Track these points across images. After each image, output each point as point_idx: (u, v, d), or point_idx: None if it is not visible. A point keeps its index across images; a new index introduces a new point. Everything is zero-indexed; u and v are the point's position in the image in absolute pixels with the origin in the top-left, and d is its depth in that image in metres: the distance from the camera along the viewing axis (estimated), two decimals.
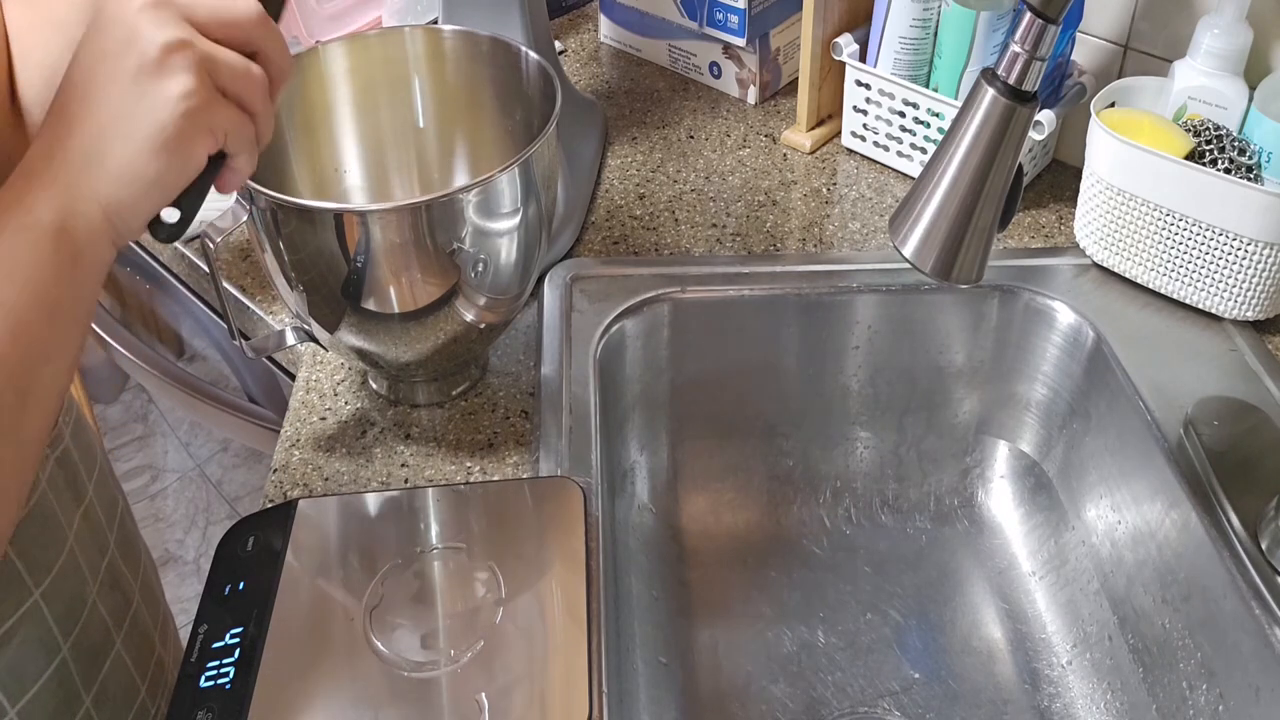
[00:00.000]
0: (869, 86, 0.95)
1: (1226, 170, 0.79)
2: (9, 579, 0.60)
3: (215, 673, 0.58)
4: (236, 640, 0.60)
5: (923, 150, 0.94)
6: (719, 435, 0.92)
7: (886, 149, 0.97)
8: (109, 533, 0.70)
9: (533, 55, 0.73)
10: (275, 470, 0.73)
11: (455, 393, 0.78)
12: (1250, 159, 0.79)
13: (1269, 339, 0.81)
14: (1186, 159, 0.78)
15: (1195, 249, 0.79)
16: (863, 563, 0.89)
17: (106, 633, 0.68)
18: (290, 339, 0.76)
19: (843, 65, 0.96)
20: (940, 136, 0.86)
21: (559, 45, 1.15)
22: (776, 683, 0.82)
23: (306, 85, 0.75)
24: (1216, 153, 0.79)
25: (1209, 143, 0.80)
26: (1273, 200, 0.75)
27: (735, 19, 1.02)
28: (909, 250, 0.61)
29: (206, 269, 0.76)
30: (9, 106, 0.59)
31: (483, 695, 0.57)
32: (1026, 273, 0.86)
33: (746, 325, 0.87)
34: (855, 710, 0.80)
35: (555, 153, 0.71)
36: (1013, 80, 0.57)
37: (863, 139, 0.98)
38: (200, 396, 1.17)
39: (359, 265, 0.65)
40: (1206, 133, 0.80)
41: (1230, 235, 0.77)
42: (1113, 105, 0.85)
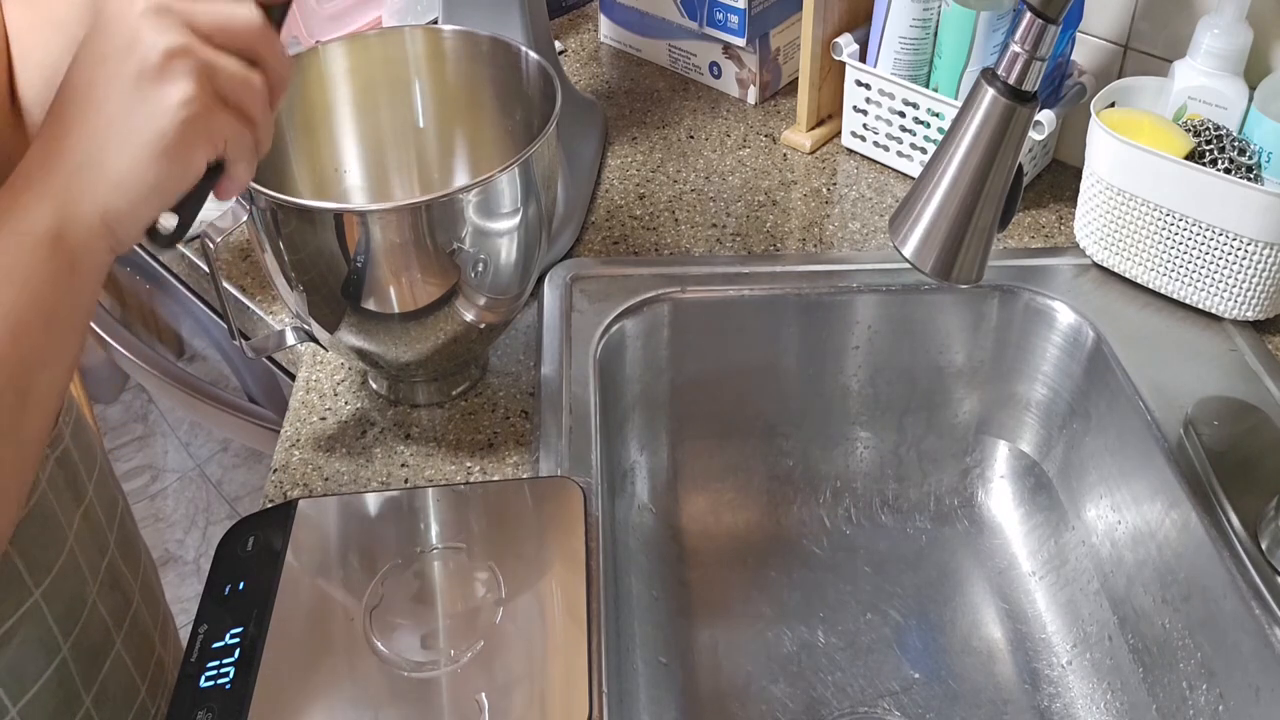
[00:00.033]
0: (869, 86, 0.95)
1: (1226, 170, 0.79)
2: (9, 579, 0.60)
3: (215, 673, 0.58)
4: (236, 640, 0.60)
5: (923, 150, 0.94)
6: (719, 435, 0.92)
7: (886, 149, 0.97)
8: (109, 533, 0.70)
9: (533, 55, 0.73)
10: (275, 470, 0.73)
11: (455, 393, 0.78)
12: (1250, 159, 0.79)
13: (1269, 339, 0.81)
14: (1186, 159, 0.78)
15: (1195, 249, 0.79)
16: (863, 563, 0.89)
17: (106, 633, 0.68)
18: (290, 339, 0.76)
19: (843, 65, 0.96)
20: (940, 136, 0.86)
21: (559, 45, 1.15)
22: (776, 683, 0.82)
23: (306, 85, 0.75)
24: (1216, 153, 0.79)
25: (1209, 143, 0.80)
26: (1273, 200, 0.75)
27: (735, 19, 1.02)
28: (909, 250, 0.61)
29: (206, 269, 0.76)
30: (9, 106, 0.59)
31: (483, 695, 0.57)
32: (1026, 273, 0.86)
33: (746, 325, 0.87)
34: (855, 710, 0.80)
35: (555, 153, 0.71)
36: (1013, 80, 0.57)
37: (863, 139, 0.98)
38: (200, 396, 1.17)
39: (359, 265, 0.66)
40: (1206, 133, 0.80)
41: (1230, 235, 0.77)
42: (1113, 105, 0.85)
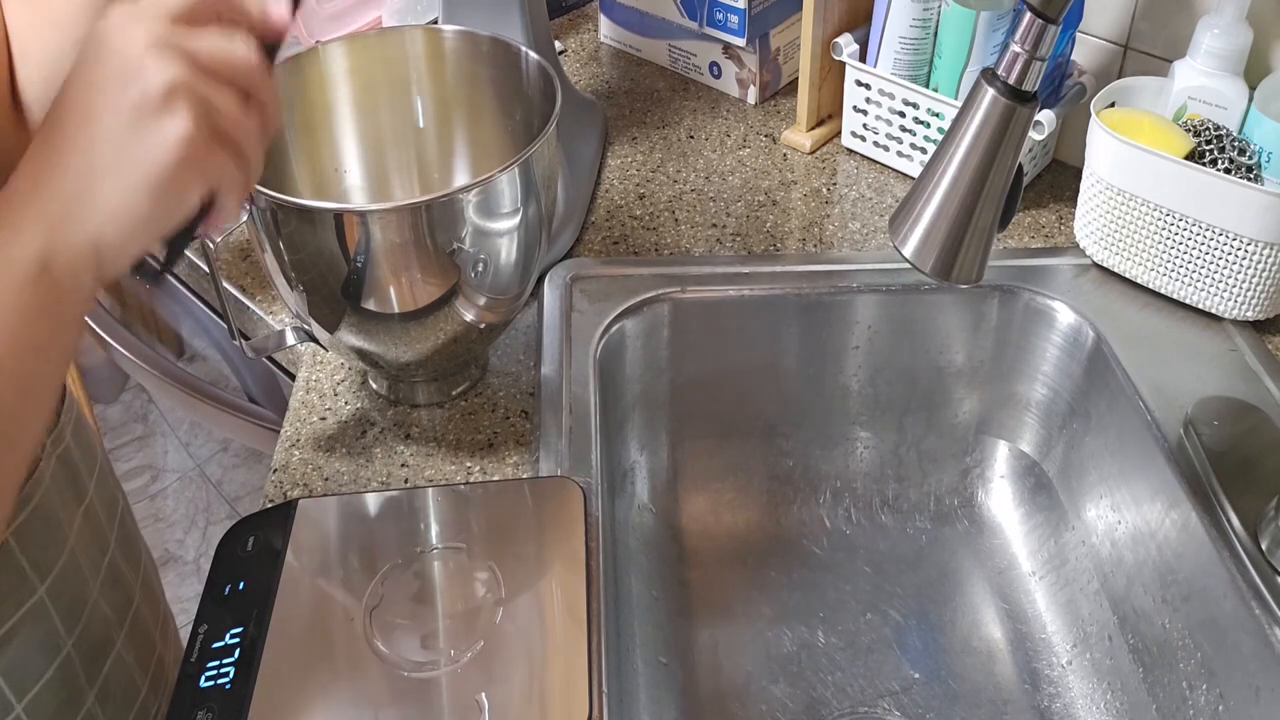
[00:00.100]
0: (869, 86, 0.95)
1: (1226, 170, 0.79)
2: (13, 578, 0.60)
3: (215, 673, 0.58)
4: (236, 640, 0.60)
5: (923, 150, 0.94)
6: (719, 435, 0.92)
7: (886, 149, 0.97)
8: (109, 531, 0.71)
9: (533, 55, 0.73)
10: (275, 470, 0.73)
11: (455, 393, 0.78)
12: (1250, 159, 0.79)
13: (1269, 339, 0.81)
14: (1186, 159, 0.78)
15: (1195, 249, 0.79)
16: (863, 563, 0.89)
17: (108, 631, 0.68)
18: (290, 339, 0.76)
19: (843, 65, 0.96)
20: (940, 136, 0.86)
21: (559, 45, 1.15)
22: (776, 683, 0.82)
23: (306, 85, 0.75)
24: (1216, 153, 0.79)
25: (1209, 143, 0.80)
26: (1273, 200, 0.75)
27: (735, 19, 1.02)
28: (909, 250, 0.61)
29: (206, 269, 0.76)
30: (9, 104, 0.59)
31: (483, 695, 0.57)
32: (1026, 273, 0.86)
33: (746, 325, 0.87)
34: (855, 710, 0.80)
35: (555, 153, 0.71)
36: (1013, 80, 0.57)
37: (863, 139, 0.98)
38: (200, 396, 1.17)
39: (359, 265, 0.65)
40: (1206, 133, 0.80)
41: (1230, 235, 0.77)
42: (1113, 105, 0.85)
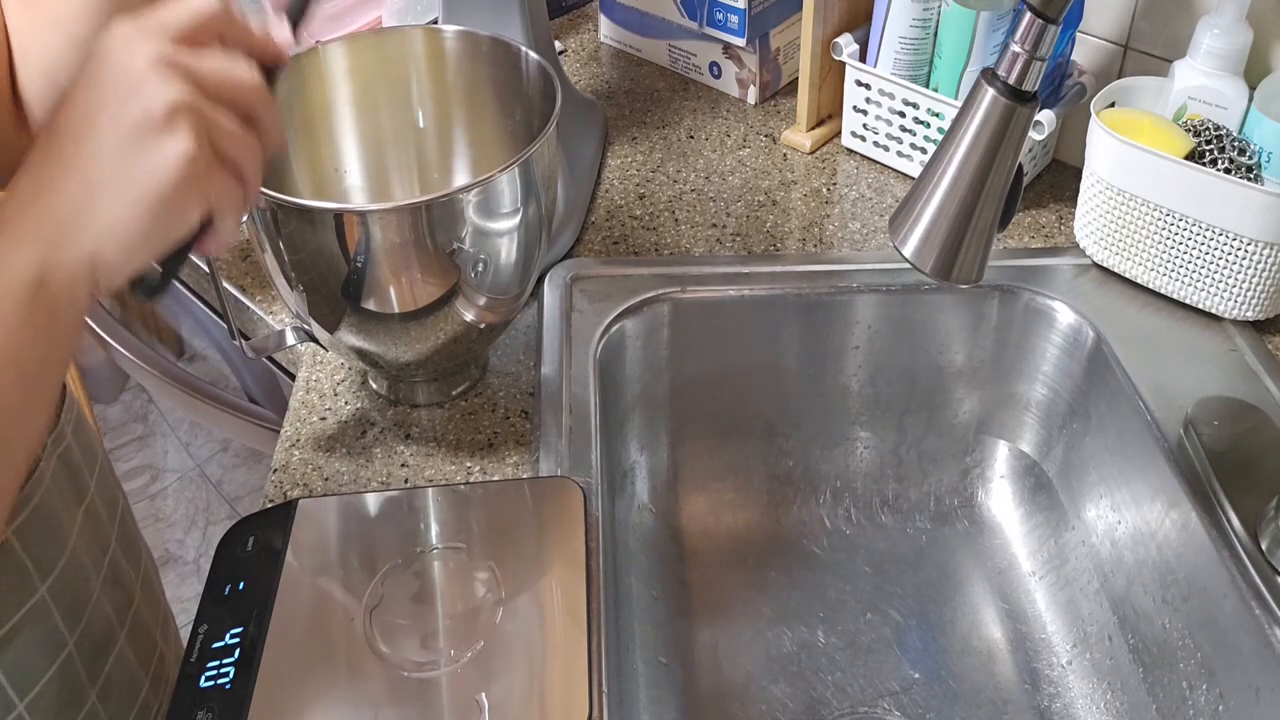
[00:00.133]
0: (869, 86, 0.95)
1: (1226, 170, 0.79)
2: (15, 576, 0.60)
3: (215, 673, 0.58)
4: (236, 640, 0.60)
5: (923, 150, 0.94)
6: (719, 435, 0.92)
7: (886, 149, 0.97)
8: (110, 530, 0.71)
9: (533, 55, 0.73)
10: (275, 470, 0.73)
11: (455, 393, 0.78)
12: (1250, 159, 0.79)
13: (1269, 339, 0.81)
14: (1186, 159, 0.78)
15: (1195, 249, 0.79)
16: (863, 563, 0.89)
17: (110, 629, 0.68)
18: (290, 339, 0.76)
19: (843, 65, 0.96)
20: (940, 136, 0.86)
21: (559, 45, 1.15)
22: (776, 683, 0.82)
23: (306, 85, 0.75)
24: (1216, 153, 0.79)
25: (1209, 143, 0.80)
26: (1273, 200, 0.75)
27: (735, 19, 1.02)
28: (909, 250, 0.61)
29: (206, 269, 0.76)
30: (10, 102, 0.59)
31: (483, 695, 0.57)
32: (1026, 273, 0.86)
33: (746, 325, 0.87)
34: (855, 710, 0.80)
35: (555, 153, 0.71)
36: (1013, 80, 0.57)
37: (863, 139, 0.98)
38: (200, 396, 1.17)
39: (359, 265, 0.65)
40: (1206, 133, 0.80)
41: (1230, 235, 0.77)
42: (1113, 105, 0.85)
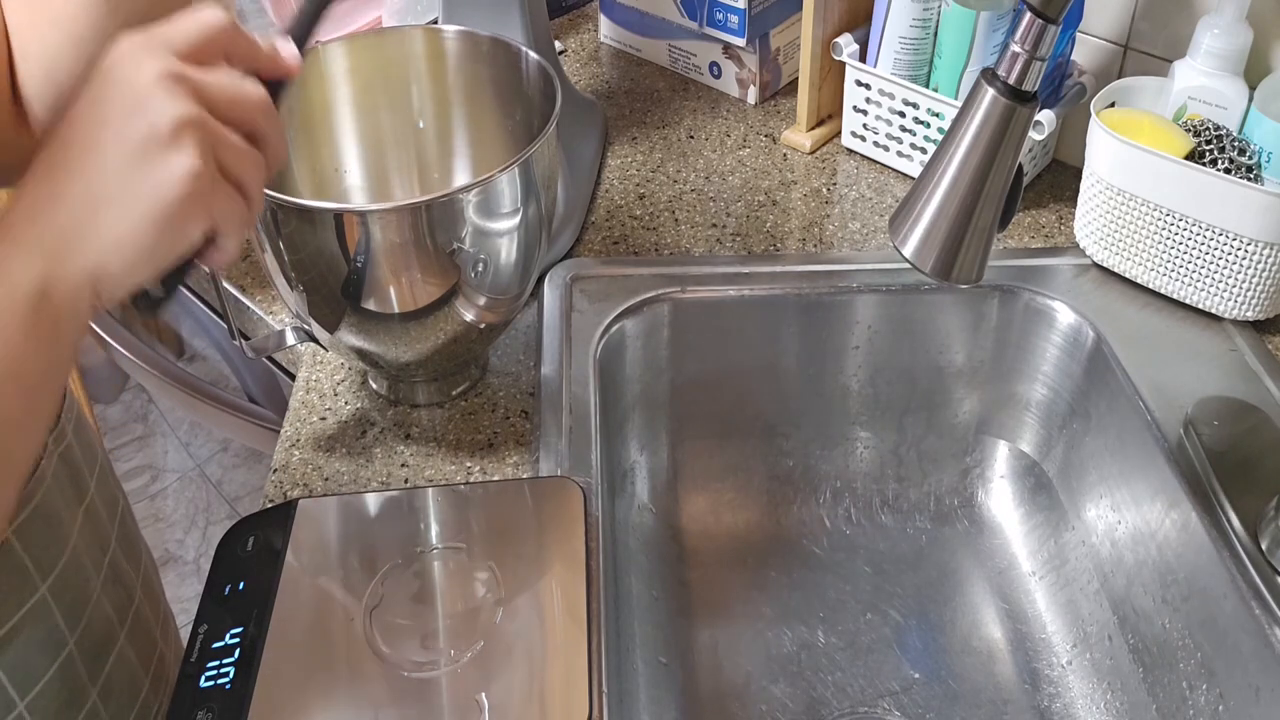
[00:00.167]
0: (869, 86, 0.95)
1: (1226, 170, 0.79)
2: (16, 576, 0.60)
3: (215, 673, 0.58)
4: (236, 640, 0.60)
5: (923, 150, 0.94)
6: (719, 435, 0.92)
7: (886, 149, 0.97)
8: (111, 530, 0.71)
9: (533, 55, 0.73)
10: (275, 470, 0.73)
11: (455, 393, 0.78)
12: (1250, 159, 0.79)
13: (1269, 339, 0.81)
14: (1186, 159, 0.78)
15: (1195, 249, 0.79)
16: (863, 563, 0.89)
17: (110, 629, 0.68)
18: (290, 339, 0.76)
19: (843, 65, 0.96)
20: (940, 136, 0.86)
21: (559, 45, 1.15)
22: (776, 683, 0.82)
23: (306, 85, 0.75)
24: (1216, 153, 0.79)
25: (1209, 143, 0.80)
26: (1273, 200, 0.75)
27: (735, 19, 1.02)
28: (909, 250, 0.61)
29: (206, 269, 0.76)
30: (10, 101, 0.59)
31: (483, 695, 0.57)
32: (1026, 273, 0.86)
33: (746, 325, 0.87)
34: (855, 710, 0.80)
35: (555, 153, 0.71)
36: (1013, 80, 0.57)
37: (863, 139, 0.98)
38: (200, 396, 1.17)
39: (359, 265, 0.65)
40: (1206, 133, 0.80)
41: (1230, 235, 0.77)
42: (1113, 105, 0.85)
